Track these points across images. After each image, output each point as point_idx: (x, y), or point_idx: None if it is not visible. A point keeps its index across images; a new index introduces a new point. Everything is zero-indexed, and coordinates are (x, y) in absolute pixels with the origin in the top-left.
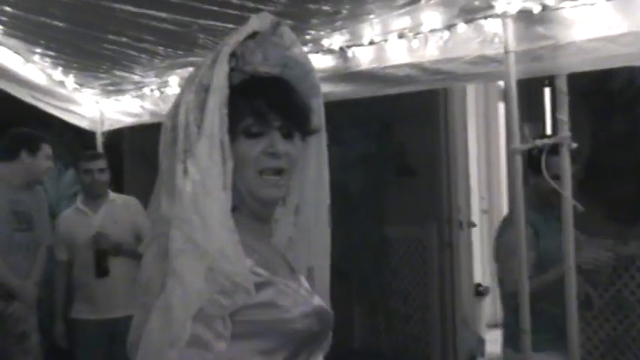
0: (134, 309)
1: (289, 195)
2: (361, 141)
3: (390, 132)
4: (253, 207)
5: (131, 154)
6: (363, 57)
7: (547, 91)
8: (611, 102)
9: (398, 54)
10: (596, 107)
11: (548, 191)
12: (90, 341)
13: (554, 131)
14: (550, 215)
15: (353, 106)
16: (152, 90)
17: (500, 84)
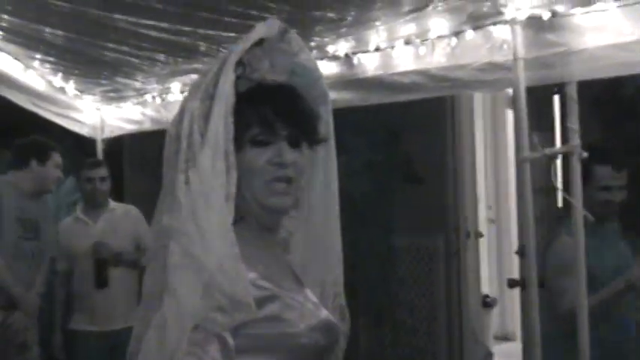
0: (134, 320)
1: (299, 206)
2: (367, 149)
3: (396, 140)
4: (260, 216)
5: (131, 162)
6: (369, 63)
7: (556, 99)
8: (622, 109)
9: (404, 60)
10: (607, 115)
11: (600, 203)
12: (90, 353)
13: (563, 140)
14: (603, 228)
15: (358, 114)
16: (154, 97)
17: (508, 91)
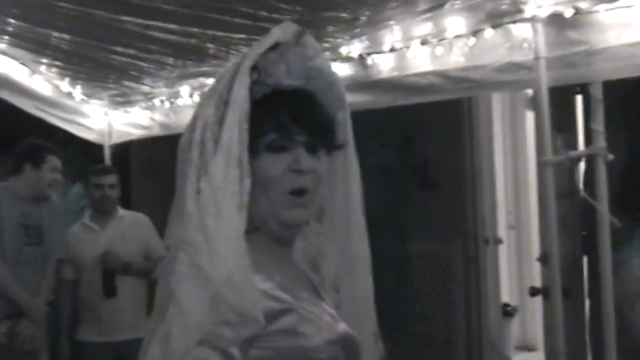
0: (143, 331)
1: (323, 219)
2: (381, 153)
3: (412, 143)
4: (275, 230)
5: (140, 169)
6: (384, 64)
7: (579, 99)
8: None
9: (420, 61)
10: (632, 116)
11: None
12: None
13: (586, 142)
14: None
15: (373, 117)
16: (162, 101)
17: (526, 92)
